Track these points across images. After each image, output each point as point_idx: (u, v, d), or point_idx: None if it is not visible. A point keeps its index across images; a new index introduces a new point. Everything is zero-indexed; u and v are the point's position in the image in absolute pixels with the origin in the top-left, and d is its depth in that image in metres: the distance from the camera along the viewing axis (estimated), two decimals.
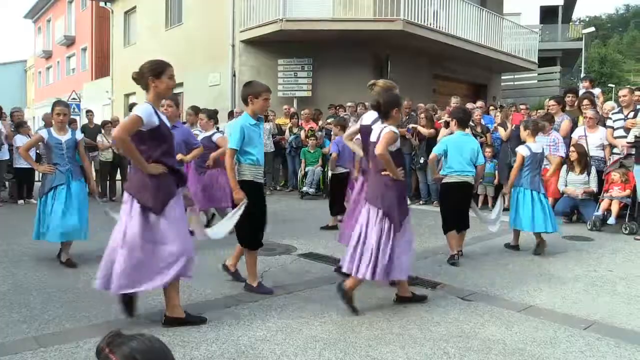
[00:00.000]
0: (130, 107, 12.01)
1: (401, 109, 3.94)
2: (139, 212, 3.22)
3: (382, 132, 3.71)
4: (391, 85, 4.30)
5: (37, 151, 8.48)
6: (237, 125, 4.00)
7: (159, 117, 3.29)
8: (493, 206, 6.01)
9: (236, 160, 4.01)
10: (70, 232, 4.96)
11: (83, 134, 6.24)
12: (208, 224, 6.37)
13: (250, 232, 4.05)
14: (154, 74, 3.30)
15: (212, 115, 6.54)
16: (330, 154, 7.23)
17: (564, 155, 7.71)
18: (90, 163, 5.58)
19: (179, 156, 4.91)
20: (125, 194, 3.31)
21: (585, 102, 8.04)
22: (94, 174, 5.58)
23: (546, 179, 7.79)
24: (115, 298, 3.40)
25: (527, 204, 5.58)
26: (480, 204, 8.39)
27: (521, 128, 5.90)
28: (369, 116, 4.35)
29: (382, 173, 3.76)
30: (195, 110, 6.90)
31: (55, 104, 5.18)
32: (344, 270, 3.89)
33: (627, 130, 6.81)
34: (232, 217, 3.94)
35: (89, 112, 11.58)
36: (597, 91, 9.49)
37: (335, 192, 7.14)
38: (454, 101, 10.26)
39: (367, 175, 4.22)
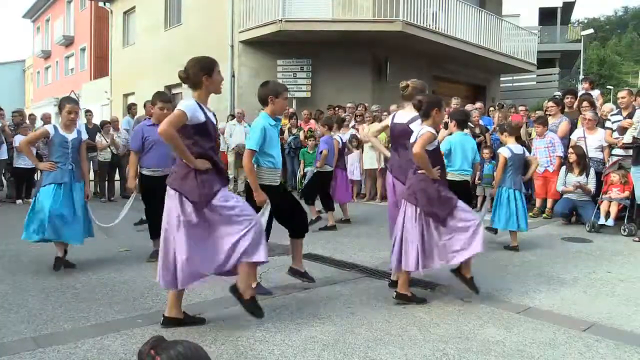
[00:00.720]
0: (129, 107, 11.99)
1: (442, 110, 3.98)
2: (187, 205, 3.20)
3: (420, 133, 3.81)
4: (423, 86, 4.36)
5: (38, 151, 8.37)
6: (259, 125, 3.91)
7: (204, 113, 3.28)
8: (492, 206, 6.02)
9: (254, 162, 3.95)
10: (64, 233, 4.70)
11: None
12: None
13: None
14: (207, 71, 3.27)
15: None
16: (321, 152, 7.23)
17: (561, 155, 7.73)
18: (89, 164, 5.46)
19: None
20: (170, 190, 3.25)
21: (585, 103, 8.05)
22: (92, 176, 5.45)
23: (548, 178, 7.82)
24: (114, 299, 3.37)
25: (511, 203, 5.82)
26: (479, 205, 8.39)
27: (498, 132, 6.02)
28: (403, 115, 4.35)
29: (419, 172, 3.87)
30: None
31: (65, 101, 4.82)
32: (393, 271, 4.13)
33: (623, 130, 6.79)
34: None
35: (88, 112, 11.54)
36: (596, 93, 9.49)
37: (321, 189, 7.35)
38: (454, 102, 10.26)
39: (396, 174, 4.32)
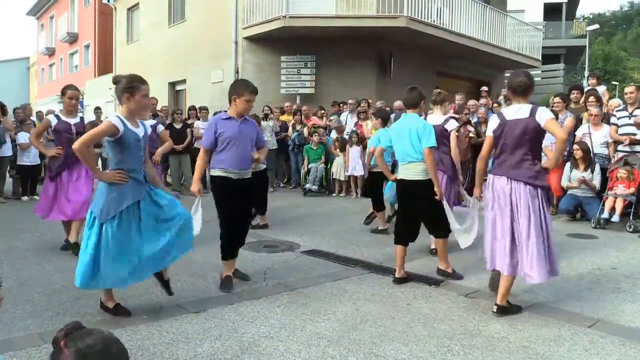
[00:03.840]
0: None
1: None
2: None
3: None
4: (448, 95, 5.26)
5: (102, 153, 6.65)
6: (430, 125, 4.33)
7: None
8: None
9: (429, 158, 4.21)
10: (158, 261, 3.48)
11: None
12: None
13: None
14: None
15: None
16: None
17: (566, 153, 7.69)
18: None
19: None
20: (530, 189, 3.50)
21: (591, 98, 8.00)
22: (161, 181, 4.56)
23: (551, 171, 7.78)
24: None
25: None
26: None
27: (372, 119, 6.55)
28: (435, 118, 4.96)
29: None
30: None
31: (140, 80, 3.44)
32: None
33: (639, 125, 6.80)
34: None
35: (98, 109, 11.63)
36: (602, 89, 9.43)
37: (264, 189, 6.84)
38: (458, 98, 10.22)
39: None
